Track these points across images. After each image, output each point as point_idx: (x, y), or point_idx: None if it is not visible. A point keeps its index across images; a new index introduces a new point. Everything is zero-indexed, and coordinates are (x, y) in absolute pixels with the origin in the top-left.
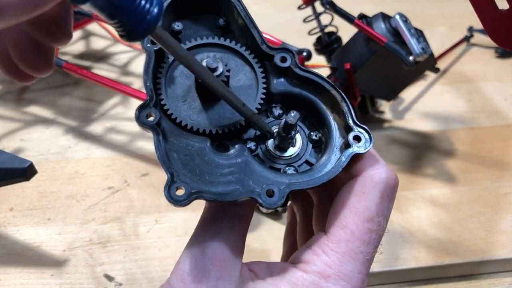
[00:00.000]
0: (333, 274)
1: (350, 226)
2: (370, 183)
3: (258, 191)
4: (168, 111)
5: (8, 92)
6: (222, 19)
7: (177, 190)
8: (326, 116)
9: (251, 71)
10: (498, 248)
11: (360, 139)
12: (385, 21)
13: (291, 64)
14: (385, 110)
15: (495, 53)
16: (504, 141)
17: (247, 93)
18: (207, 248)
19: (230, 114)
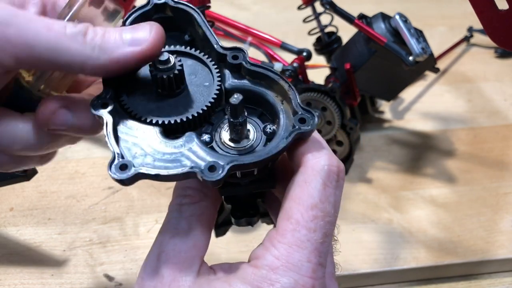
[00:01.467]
0: (281, 265)
1: (294, 216)
2: (311, 172)
3: (200, 168)
4: (125, 105)
5: None
6: (187, 35)
7: (121, 168)
8: (277, 107)
9: (208, 72)
10: (498, 248)
11: (304, 120)
12: (385, 21)
13: (243, 60)
14: (385, 110)
15: (494, 53)
16: (504, 141)
17: (206, 91)
18: (162, 253)
19: (182, 108)
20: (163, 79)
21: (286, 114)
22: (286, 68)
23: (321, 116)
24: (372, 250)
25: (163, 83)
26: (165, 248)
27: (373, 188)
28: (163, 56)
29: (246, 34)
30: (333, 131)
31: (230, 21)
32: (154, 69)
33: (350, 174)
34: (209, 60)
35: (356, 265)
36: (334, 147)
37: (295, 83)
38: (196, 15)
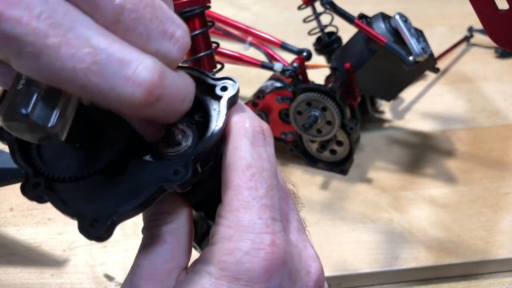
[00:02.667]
0: (235, 232)
1: (233, 181)
2: (237, 136)
3: (165, 178)
4: (51, 176)
5: None
6: None
7: (92, 225)
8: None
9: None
10: (498, 248)
11: (226, 87)
12: (385, 21)
13: None
14: (385, 110)
15: (495, 53)
16: (504, 141)
17: (119, 121)
18: (138, 267)
19: (108, 147)
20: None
21: (207, 96)
22: (286, 68)
23: (321, 116)
24: (372, 250)
25: (76, 138)
26: (140, 262)
27: (373, 188)
28: None
29: (246, 34)
30: (333, 131)
31: (230, 21)
32: None
33: (350, 174)
34: None
35: (356, 265)
36: (334, 147)
37: (295, 83)
38: None
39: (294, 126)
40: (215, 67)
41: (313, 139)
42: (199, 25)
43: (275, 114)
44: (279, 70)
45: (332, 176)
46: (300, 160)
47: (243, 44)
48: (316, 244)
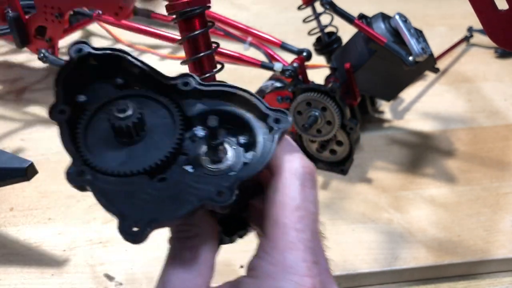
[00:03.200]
0: (279, 270)
1: (281, 220)
2: (288, 176)
3: (209, 196)
4: (96, 166)
5: (9, 92)
6: (120, 78)
7: (131, 227)
8: (244, 117)
9: (162, 109)
10: (498, 248)
11: (279, 120)
12: (385, 21)
13: (196, 84)
14: (385, 110)
15: (494, 53)
16: (504, 141)
17: (167, 127)
18: (167, 283)
19: (154, 149)
20: (122, 128)
21: (256, 119)
22: (286, 68)
23: (321, 116)
24: (372, 250)
25: (122, 132)
26: (169, 278)
27: (373, 188)
28: (121, 105)
29: (246, 34)
30: (333, 131)
31: (230, 21)
32: (113, 119)
33: (350, 174)
34: (160, 95)
35: (356, 265)
36: (334, 147)
37: (295, 83)
38: (126, 56)
39: (294, 126)
40: (215, 67)
41: (313, 139)
42: (199, 25)
43: None
44: (279, 70)
45: (332, 176)
46: None
47: (243, 44)
48: None
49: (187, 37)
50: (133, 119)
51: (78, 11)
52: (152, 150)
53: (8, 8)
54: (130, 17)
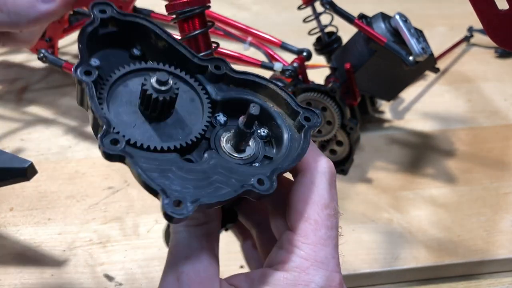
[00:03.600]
0: (311, 265)
1: (312, 217)
2: (317, 174)
3: (250, 183)
4: (127, 139)
5: (8, 92)
6: (137, 49)
7: (177, 205)
8: (269, 110)
9: (189, 88)
10: (498, 248)
11: (309, 118)
12: (385, 21)
13: (227, 69)
14: (385, 110)
15: (495, 53)
16: (504, 141)
17: (194, 108)
18: (182, 274)
19: (182, 128)
20: (158, 100)
21: (282, 116)
22: (286, 68)
23: (321, 116)
24: (372, 250)
25: (156, 105)
26: (183, 269)
27: (373, 188)
28: (163, 76)
29: (246, 34)
30: (333, 131)
31: (230, 21)
32: (151, 89)
33: (350, 174)
34: (188, 77)
35: (356, 265)
36: (334, 147)
37: (295, 83)
38: (154, 28)
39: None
40: None
41: (313, 139)
42: (199, 25)
43: None
44: (279, 70)
45: None
46: None
47: (243, 44)
48: None
49: (187, 37)
50: (171, 94)
51: (78, 11)
52: (179, 129)
53: None
54: None
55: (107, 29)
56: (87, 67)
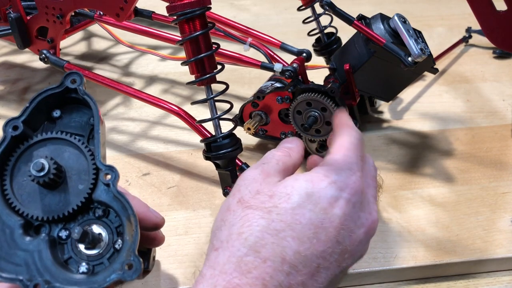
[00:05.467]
0: (342, 161)
1: (344, 144)
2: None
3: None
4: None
5: (10, 93)
6: (57, 112)
7: None
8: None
9: (84, 160)
10: (497, 247)
11: (132, 266)
12: (384, 22)
13: (112, 182)
14: (384, 110)
15: (493, 53)
16: (502, 141)
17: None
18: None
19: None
20: (40, 183)
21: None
22: (286, 68)
23: (321, 116)
24: (371, 249)
25: (44, 185)
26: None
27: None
28: (37, 165)
29: (246, 35)
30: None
31: (230, 22)
32: (32, 175)
33: None
34: (85, 147)
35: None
36: None
37: (295, 84)
38: (95, 111)
39: (294, 126)
40: (215, 68)
41: (313, 139)
42: (199, 26)
43: (275, 114)
44: (279, 70)
45: None
46: None
47: (243, 45)
48: None
49: (188, 38)
50: (49, 176)
51: (80, 12)
52: (61, 198)
53: (10, 9)
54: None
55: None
56: (16, 122)
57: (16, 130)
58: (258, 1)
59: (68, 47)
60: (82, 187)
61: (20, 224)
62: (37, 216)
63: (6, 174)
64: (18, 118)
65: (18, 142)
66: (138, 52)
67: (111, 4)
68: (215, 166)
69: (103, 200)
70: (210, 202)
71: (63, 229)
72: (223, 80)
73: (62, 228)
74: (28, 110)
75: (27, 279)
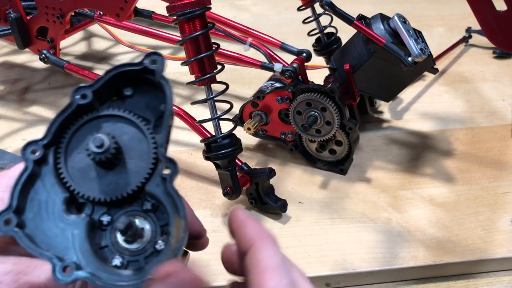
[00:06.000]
0: None
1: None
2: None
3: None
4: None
5: (10, 93)
6: (129, 90)
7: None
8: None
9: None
10: (496, 247)
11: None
12: (384, 22)
13: (169, 176)
14: (384, 110)
15: (493, 53)
16: (502, 141)
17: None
18: None
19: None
20: (95, 160)
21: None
22: (286, 68)
23: (321, 116)
24: (371, 249)
25: (98, 163)
26: None
27: (372, 188)
28: (97, 141)
29: (246, 35)
30: (332, 131)
31: (230, 22)
32: (91, 153)
33: (349, 174)
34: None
35: (355, 264)
36: (333, 147)
37: (295, 84)
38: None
39: (294, 126)
40: (215, 68)
41: (313, 139)
42: (199, 26)
43: (275, 114)
44: (279, 70)
45: (332, 175)
46: (300, 159)
47: (243, 45)
48: (315, 243)
49: (188, 38)
50: (107, 154)
51: (80, 12)
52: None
53: (10, 9)
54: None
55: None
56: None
57: (85, 98)
58: (258, 1)
59: (68, 47)
60: (137, 174)
61: (63, 198)
62: (83, 194)
63: (62, 142)
64: (89, 87)
65: (82, 112)
66: (138, 52)
67: (111, 4)
68: (215, 166)
69: (156, 193)
70: (210, 202)
71: (105, 214)
72: (223, 80)
73: (105, 213)
74: (101, 81)
75: (58, 257)
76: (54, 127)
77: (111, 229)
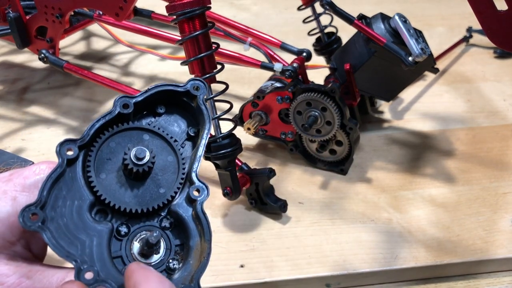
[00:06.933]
0: None
1: None
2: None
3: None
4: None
5: (9, 93)
6: (194, 129)
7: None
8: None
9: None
10: (497, 247)
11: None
12: (384, 22)
13: (200, 200)
14: (384, 110)
15: (493, 53)
16: (503, 141)
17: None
18: None
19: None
20: (132, 170)
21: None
22: (286, 68)
23: (321, 116)
24: (372, 250)
25: (131, 173)
26: None
27: (373, 188)
28: (140, 152)
29: (246, 34)
30: (333, 131)
31: (230, 22)
32: (129, 162)
33: (349, 174)
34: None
35: (355, 265)
36: (333, 147)
37: (295, 83)
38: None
39: (294, 126)
40: (215, 68)
41: (313, 139)
42: (199, 26)
43: (275, 114)
44: (279, 70)
45: (332, 175)
46: (300, 160)
47: (243, 44)
48: (316, 244)
49: (188, 38)
50: (144, 167)
51: (79, 12)
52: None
53: (9, 9)
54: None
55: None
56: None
57: (126, 109)
58: (258, 1)
59: (67, 47)
60: (163, 191)
61: (89, 201)
62: (109, 201)
63: (94, 147)
64: (132, 98)
65: (118, 121)
66: (137, 51)
67: (110, 4)
68: (215, 166)
69: (181, 213)
70: (210, 202)
71: (124, 225)
72: (223, 80)
73: (124, 223)
74: (145, 95)
75: (81, 260)
76: (93, 131)
77: (127, 240)
